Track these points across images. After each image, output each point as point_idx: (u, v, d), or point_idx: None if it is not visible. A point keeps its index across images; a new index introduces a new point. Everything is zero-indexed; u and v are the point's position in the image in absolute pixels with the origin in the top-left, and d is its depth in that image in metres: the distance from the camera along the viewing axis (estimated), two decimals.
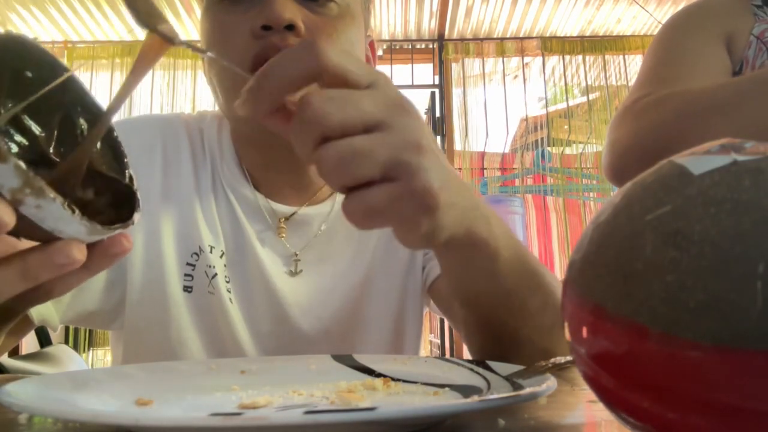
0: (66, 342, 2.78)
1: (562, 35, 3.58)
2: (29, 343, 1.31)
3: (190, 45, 0.36)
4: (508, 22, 3.47)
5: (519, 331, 0.53)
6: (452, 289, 0.54)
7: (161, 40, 0.33)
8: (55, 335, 1.38)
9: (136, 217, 0.34)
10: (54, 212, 0.29)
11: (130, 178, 0.36)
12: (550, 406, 0.37)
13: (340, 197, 0.71)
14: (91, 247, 0.32)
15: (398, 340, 0.72)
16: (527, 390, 0.31)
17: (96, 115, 0.36)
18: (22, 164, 0.27)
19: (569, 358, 0.44)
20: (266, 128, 0.37)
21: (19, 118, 0.33)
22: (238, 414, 0.25)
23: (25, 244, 0.32)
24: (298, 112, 0.33)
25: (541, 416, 0.34)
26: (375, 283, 0.71)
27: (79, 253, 0.31)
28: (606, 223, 0.24)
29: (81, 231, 0.30)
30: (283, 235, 0.68)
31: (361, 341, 0.69)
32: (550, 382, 0.33)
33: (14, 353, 1.13)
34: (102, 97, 3.33)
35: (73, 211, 0.29)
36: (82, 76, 3.42)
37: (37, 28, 3.33)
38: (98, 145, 0.36)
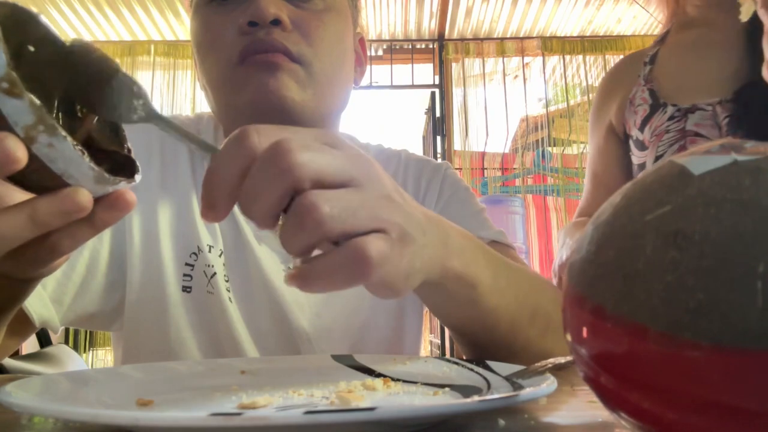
0: (66, 342, 2.78)
1: (562, 35, 3.58)
2: (29, 343, 1.31)
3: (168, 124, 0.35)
4: (509, 22, 3.47)
5: (510, 348, 0.52)
6: (439, 318, 0.54)
7: None
8: (55, 336, 1.38)
9: (137, 177, 0.35)
10: (65, 152, 0.29)
11: (128, 150, 0.37)
12: (550, 406, 0.37)
13: None
14: (96, 201, 0.32)
15: (398, 339, 0.72)
16: (527, 390, 0.31)
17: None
18: (36, 100, 0.28)
19: (569, 358, 0.44)
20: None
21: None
22: (238, 414, 0.25)
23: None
24: (293, 214, 0.31)
25: (541, 416, 0.34)
26: None
27: (87, 201, 0.31)
28: (606, 223, 0.24)
29: (89, 176, 0.30)
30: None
31: (361, 339, 0.69)
32: (550, 382, 0.33)
33: (14, 353, 1.13)
34: None
35: (83, 153, 0.30)
36: None
37: None
38: (95, 121, 0.36)
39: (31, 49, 0.33)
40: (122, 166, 0.36)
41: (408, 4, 3.27)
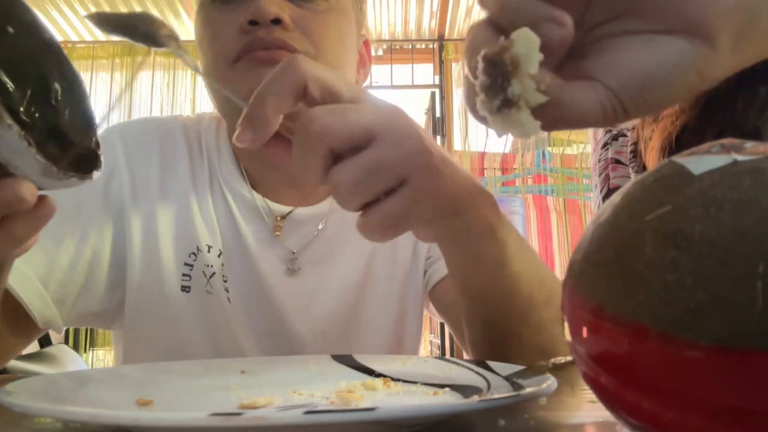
0: (66, 342, 2.78)
1: None
2: None
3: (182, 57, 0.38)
4: None
5: (522, 328, 0.52)
6: (461, 285, 0.53)
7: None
8: (56, 335, 1.38)
9: (95, 174, 0.34)
10: (9, 141, 0.28)
11: (96, 143, 0.36)
12: (550, 406, 0.37)
13: None
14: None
15: (397, 344, 0.72)
16: (527, 390, 0.31)
17: (71, 84, 0.36)
18: None
19: (569, 358, 0.44)
20: (270, 157, 0.39)
21: None
22: (238, 414, 0.25)
23: None
24: (299, 129, 0.35)
25: (541, 416, 0.34)
26: (374, 285, 0.71)
27: (29, 193, 0.30)
28: (606, 223, 0.24)
29: (35, 168, 0.29)
30: (279, 233, 0.68)
31: (358, 343, 0.69)
32: (550, 382, 0.33)
33: None
34: (102, 98, 3.33)
35: (29, 143, 0.28)
36: (82, 76, 3.41)
37: None
38: (68, 112, 0.36)
39: (11, 30, 0.32)
40: (87, 159, 0.34)
41: (408, 4, 3.27)
